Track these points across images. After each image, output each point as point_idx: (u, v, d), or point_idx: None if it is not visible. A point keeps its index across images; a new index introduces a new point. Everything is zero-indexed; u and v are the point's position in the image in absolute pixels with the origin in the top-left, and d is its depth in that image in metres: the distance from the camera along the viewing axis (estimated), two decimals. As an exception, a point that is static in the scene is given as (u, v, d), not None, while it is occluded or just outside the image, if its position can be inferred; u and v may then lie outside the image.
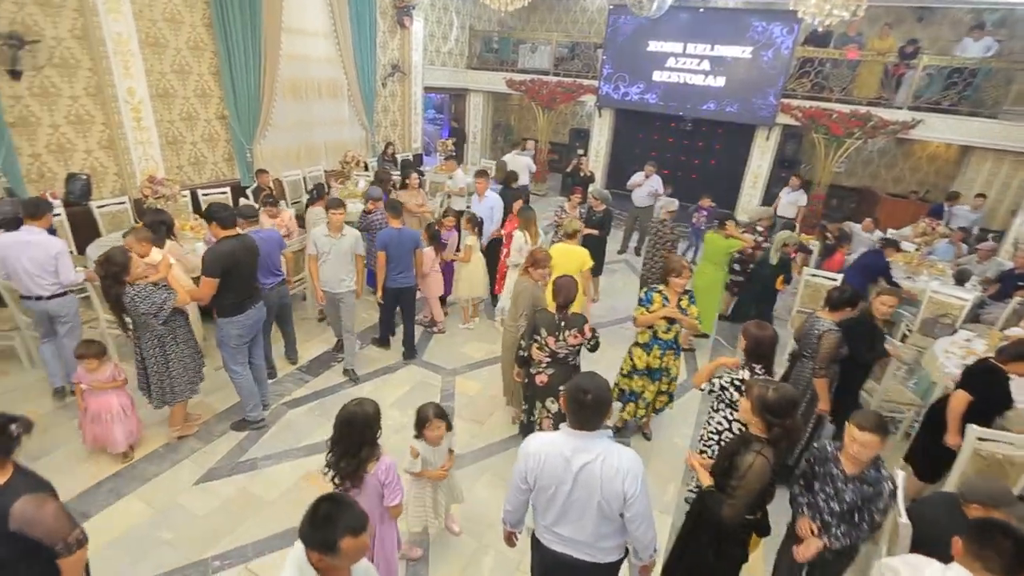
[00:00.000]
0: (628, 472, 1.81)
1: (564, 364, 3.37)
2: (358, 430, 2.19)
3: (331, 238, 4.24)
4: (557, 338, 3.27)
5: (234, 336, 3.61)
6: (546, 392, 3.40)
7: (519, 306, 3.84)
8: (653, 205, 8.31)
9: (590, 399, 1.82)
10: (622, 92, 10.55)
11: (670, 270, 3.63)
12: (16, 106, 5.19)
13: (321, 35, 8.27)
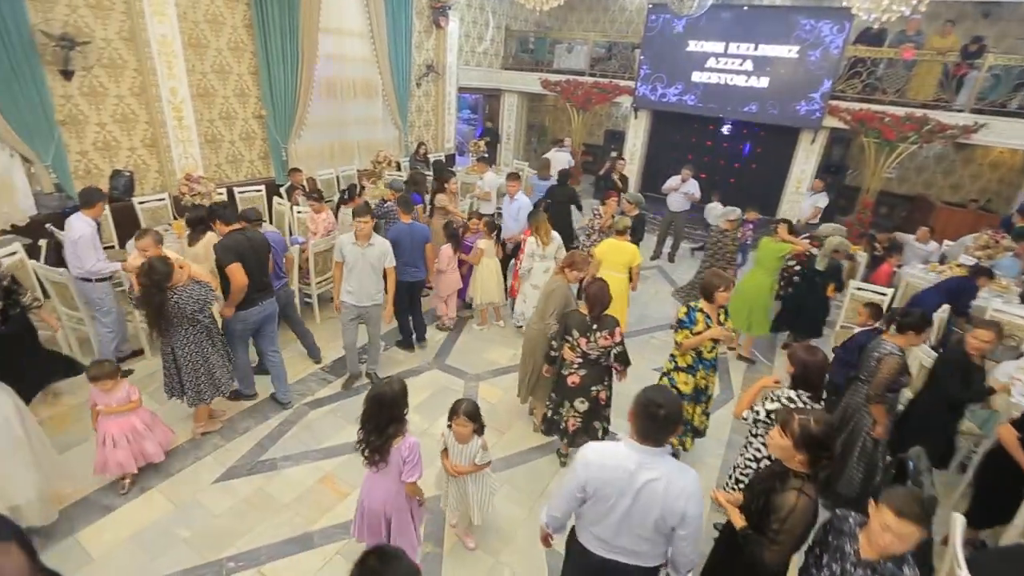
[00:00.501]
0: (693, 495, 1.81)
1: (596, 365, 3.40)
2: (386, 408, 2.31)
3: (358, 247, 3.99)
4: (588, 339, 3.31)
5: (237, 329, 3.82)
6: (576, 392, 3.45)
7: (550, 305, 3.76)
8: (688, 210, 8.04)
9: (663, 414, 1.81)
10: (659, 93, 10.27)
11: (714, 286, 3.35)
12: (67, 105, 5.40)
13: (357, 35, 8.34)
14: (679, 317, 3.45)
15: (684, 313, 3.42)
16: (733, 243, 5.79)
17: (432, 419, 4.17)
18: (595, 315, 3.31)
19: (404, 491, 2.45)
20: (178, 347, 3.39)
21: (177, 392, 3.52)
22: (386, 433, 2.32)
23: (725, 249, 5.79)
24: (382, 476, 2.41)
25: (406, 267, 4.73)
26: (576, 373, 3.44)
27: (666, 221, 8.22)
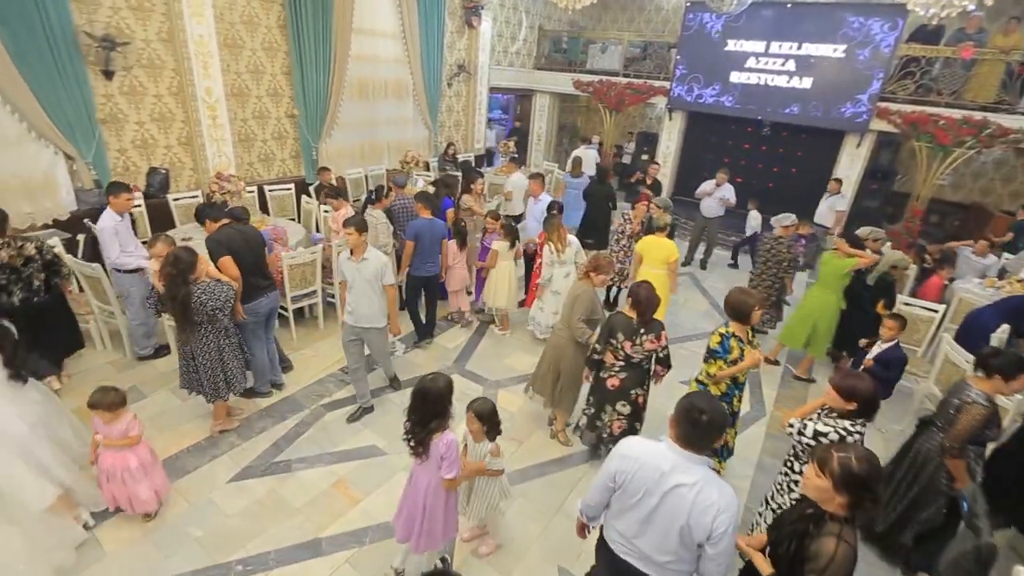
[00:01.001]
0: (724, 510, 1.73)
1: (637, 368, 3.37)
2: (429, 403, 2.38)
3: (353, 262, 3.69)
4: (634, 343, 3.26)
5: (249, 323, 3.86)
6: (617, 395, 3.41)
7: (576, 310, 3.66)
8: (722, 216, 7.74)
9: (705, 420, 1.79)
10: (695, 94, 9.95)
11: (748, 306, 3.12)
12: (107, 104, 5.56)
13: (390, 35, 8.36)
14: (711, 346, 3.19)
15: (717, 342, 3.15)
16: (788, 251, 5.47)
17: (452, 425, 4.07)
18: (645, 319, 3.26)
19: (441, 485, 2.49)
20: (196, 345, 3.40)
21: (196, 388, 3.54)
22: (428, 427, 2.39)
23: (779, 257, 5.50)
24: (423, 468, 2.50)
25: (425, 263, 4.85)
26: (616, 376, 3.39)
27: (699, 227, 7.93)
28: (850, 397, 2.31)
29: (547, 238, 4.97)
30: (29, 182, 5.19)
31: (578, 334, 3.64)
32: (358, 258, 3.67)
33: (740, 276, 7.93)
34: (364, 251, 3.67)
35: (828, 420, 2.39)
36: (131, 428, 2.94)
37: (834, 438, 2.29)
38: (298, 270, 4.85)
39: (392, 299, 3.84)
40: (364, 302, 3.75)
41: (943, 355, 4.21)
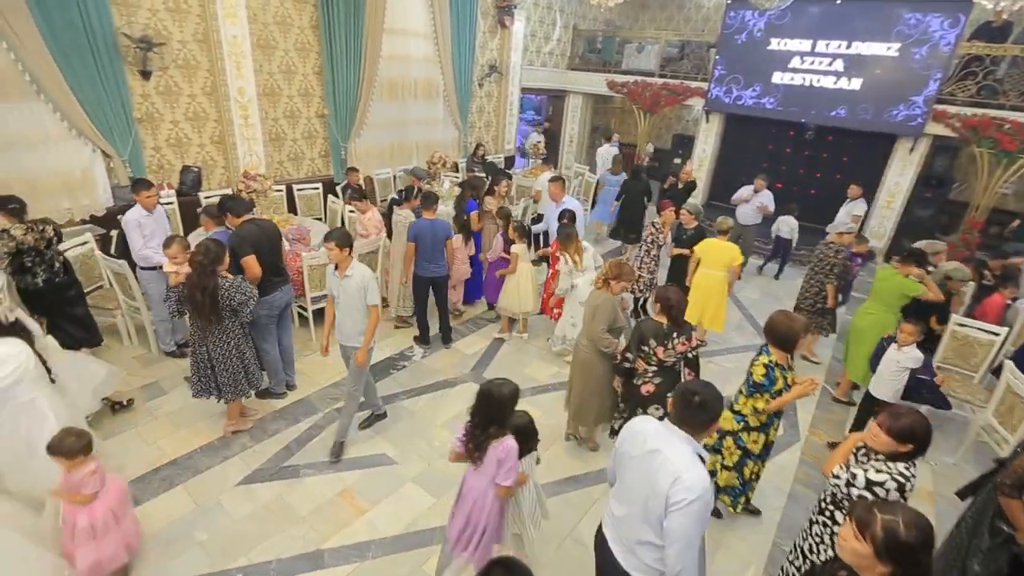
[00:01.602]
0: (683, 483, 1.74)
1: (671, 371, 3.32)
2: (492, 407, 2.36)
3: (336, 278, 3.48)
4: (666, 347, 3.20)
5: (263, 316, 3.86)
6: (652, 401, 3.33)
7: (598, 321, 3.52)
8: (759, 223, 7.37)
9: (698, 400, 1.86)
10: (735, 95, 9.55)
11: (795, 334, 2.85)
12: (144, 103, 5.70)
13: (421, 36, 8.34)
14: (755, 379, 2.91)
15: (762, 375, 2.87)
16: (835, 255, 5.17)
17: (461, 436, 3.96)
18: (677, 322, 3.22)
19: (492, 494, 2.46)
20: (214, 343, 3.40)
21: (212, 391, 3.53)
22: (487, 432, 2.38)
23: (827, 262, 5.21)
24: (479, 473, 2.46)
25: (427, 263, 4.81)
26: (651, 382, 3.30)
27: (733, 234, 7.51)
28: (908, 439, 2.02)
29: (562, 249, 4.79)
30: (68, 179, 5.36)
31: (603, 345, 3.51)
32: (342, 273, 3.43)
33: (776, 286, 7.54)
34: (348, 266, 3.43)
35: (879, 464, 2.10)
36: (85, 485, 2.48)
37: (891, 487, 1.99)
38: (318, 270, 4.83)
39: (373, 321, 3.52)
40: (349, 321, 3.53)
41: (1004, 383, 3.83)
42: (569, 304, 4.83)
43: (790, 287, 7.56)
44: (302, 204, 7.14)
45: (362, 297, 3.44)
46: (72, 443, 2.45)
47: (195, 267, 3.20)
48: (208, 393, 3.53)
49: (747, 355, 5.52)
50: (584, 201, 9.42)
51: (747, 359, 5.36)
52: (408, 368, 4.81)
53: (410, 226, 4.82)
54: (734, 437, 3.13)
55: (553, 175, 5.64)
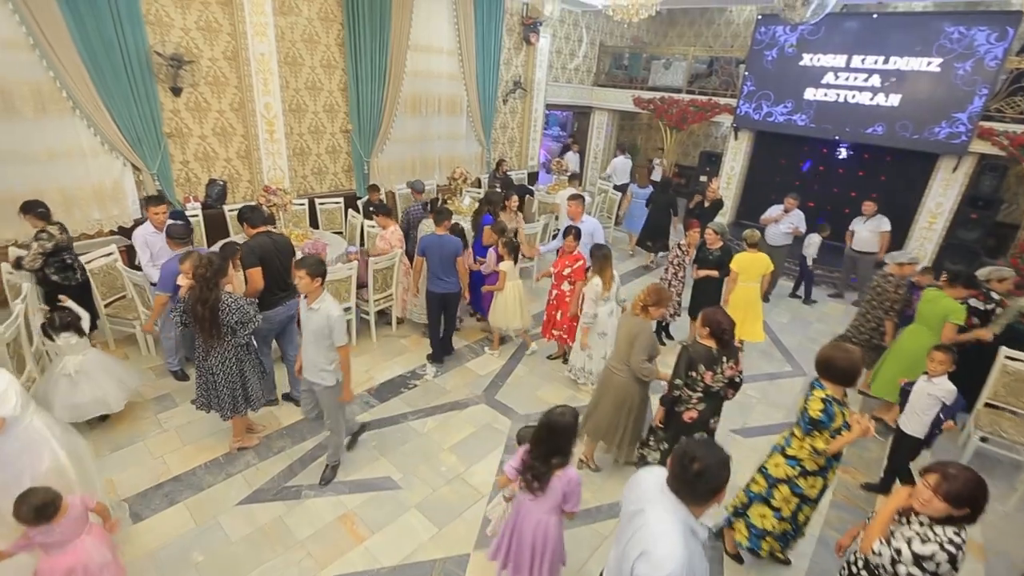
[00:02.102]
0: (649, 559, 1.54)
1: (715, 396, 3.17)
2: (555, 437, 2.31)
3: (304, 307, 3.23)
4: (715, 372, 3.06)
5: (263, 329, 3.76)
6: (694, 428, 3.20)
7: (638, 349, 3.42)
8: (789, 244, 7.06)
9: (695, 468, 1.59)
10: (765, 112, 9.29)
11: (856, 368, 2.60)
12: (174, 119, 5.85)
13: (446, 52, 8.41)
14: (812, 416, 2.62)
15: (820, 410, 2.59)
16: (896, 291, 4.75)
17: (470, 462, 3.83)
18: (728, 346, 3.08)
19: (555, 520, 2.44)
20: (216, 359, 3.37)
21: (213, 406, 3.50)
22: (549, 463, 2.32)
23: (886, 297, 4.80)
24: (536, 504, 2.41)
25: (436, 279, 4.76)
26: (694, 408, 3.17)
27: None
28: (966, 503, 1.77)
29: (597, 272, 4.36)
30: (99, 190, 5.53)
31: (645, 374, 3.43)
32: (309, 304, 3.17)
33: (806, 310, 7.20)
34: (318, 298, 3.12)
35: (923, 530, 1.84)
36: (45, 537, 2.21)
37: (942, 559, 1.76)
38: (331, 286, 4.80)
39: (344, 360, 3.24)
40: (310, 354, 3.26)
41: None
42: (589, 335, 4.52)
43: (820, 311, 7.22)
44: (323, 218, 7.20)
45: (326, 335, 3.13)
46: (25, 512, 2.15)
47: (197, 279, 3.18)
48: (208, 407, 3.50)
49: (774, 383, 5.25)
50: (608, 219, 9.27)
51: (773, 387, 5.18)
52: (419, 387, 4.71)
53: (420, 240, 4.82)
54: (789, 485, 2.83)
55: (572, 193, 5.44)
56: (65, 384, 3.56)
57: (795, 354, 5.88)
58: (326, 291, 3.21)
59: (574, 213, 5.32)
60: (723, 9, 12.26)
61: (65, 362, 3.59)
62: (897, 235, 8.53)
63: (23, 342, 3.64)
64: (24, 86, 4.82)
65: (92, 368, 3.66)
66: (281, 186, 5.85)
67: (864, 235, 7.01)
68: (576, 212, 5.31)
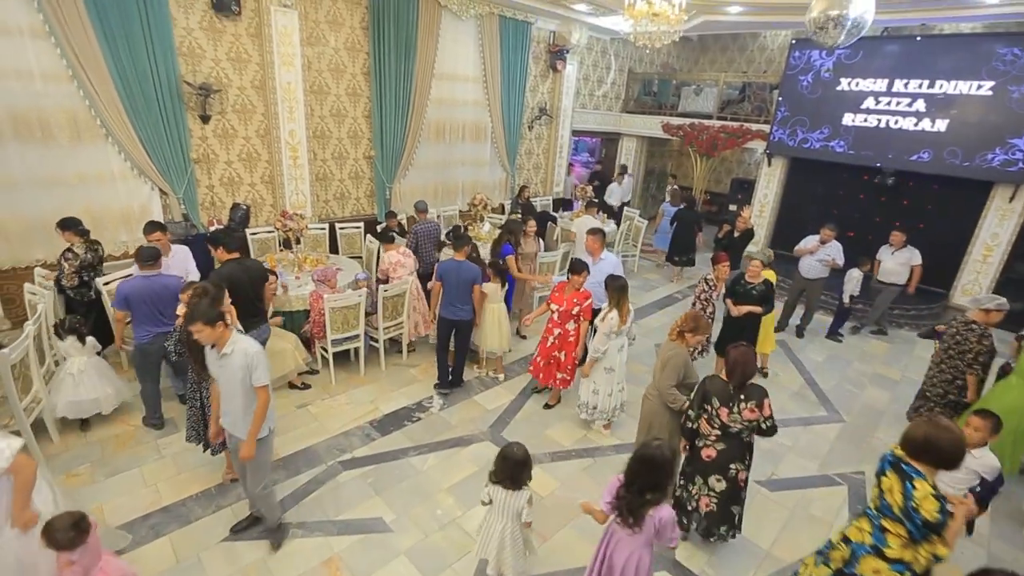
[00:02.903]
0: None
1: (737, 439, 3.01)
2: (652, 473, 2.27)
3: (215, 356, 2.83)
4: (731, 410, 2.93)
5: None
6: (712, 468, 3.07)
7: (668, 374, 3.36)
8: (825, 277, 6.62)
9: None
10: (800, 138, 8.93)
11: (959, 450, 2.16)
12: (202, 145, 6.02)
13: (471, 80, 8.47)
14: (930, 519, 2.11)
15: (936, 510, 2.11)
16: (979, 341, 4.14)
17: (468, 505, 3.60)
18: (738, 383, 2.92)
19: (648, 555, 2.41)
20: (202, 388, 3.31)
21: (201, 438, 3.43)
22: (643, 499, 2.28)
23: (967, 347, 4.19)
24: (629, 539, 2.39)
25: (450, 305, 4.67)
26: (712, 447, 3.04)
27: (796, 288, 6.86)
28: None
29: (614, 305, 4.10)
30: (127, 213, 5.70)
31: (670, 400, 3.34)
32: (220, 351, 2.78)
33: (843, 349, 6.68)
34: (228, 341, 2.77)
35: None
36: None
37: None
38: (340, 313, 4.73)
39: (261, 405, 2.82)
40: (233, 406, 2.87)
41: None
42: (594, 369, 4.28)
43: (861, 348, 6.71)
44: (343, 243, 7.23)
45: (246, 377, 2.76)
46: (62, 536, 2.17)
47: (190, 308, 3.10)
48: (198, 439, 3.43)
49: (807, 430, 4.81)
50: (633, 246, 9.01)
51: (807, 434, 4.74)
52: (423, 421, 4.54)
53: (437, 265, 4.76)
54: None
55: (592, 227, 5.10)
56: (69, 382, 3.95)
57: (831, 397, 5.42)
58: (235, 330, 2.89)
59: (592, 248, 4.89)
60: (756, 35, 12.03)
61: (69, 363, 4.00)
62: (948, 270, 7.97)
63: (31, 363, 3.69)
64: (61, 114, 5.04)
65: (92, 372, 4.03)
66: (299, 211, 5.90)
67: (891, 266, 6.57)
68: (594, 247, 4.88)
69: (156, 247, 4.07)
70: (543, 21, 9.10)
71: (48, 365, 4.12)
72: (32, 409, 3.69)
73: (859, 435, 4.81)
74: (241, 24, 5.90)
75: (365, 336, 5.12)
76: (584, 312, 4.37)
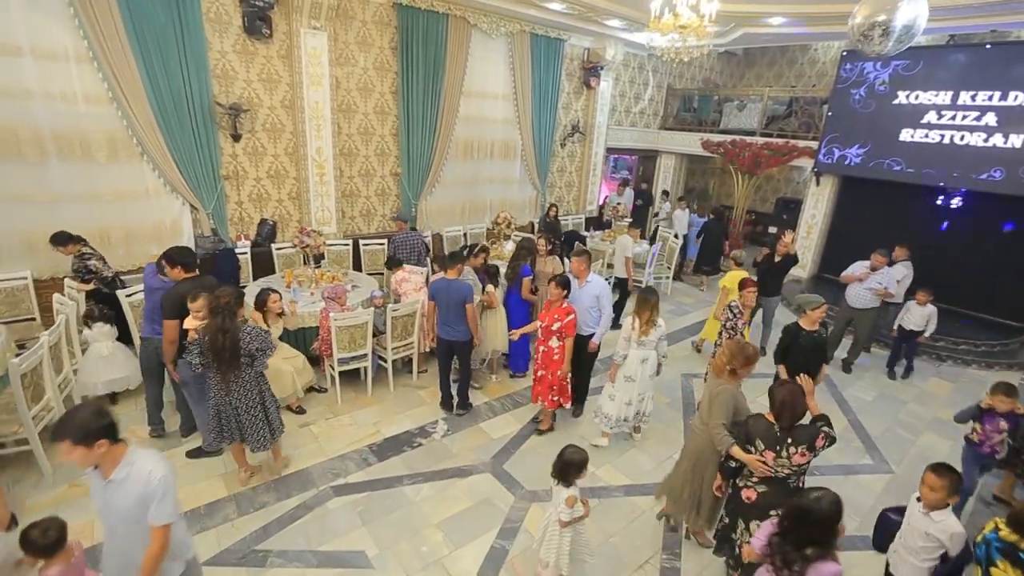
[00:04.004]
0: None
1: (782, 484, 2.78)
2: (809, 525, 2.08)
3: (100, 483, 2.04)
4: (778, 454, 2.69)
5: (188, 375, 3.65)
6: (751, 512, 2.85)
7: (716, 412, 3.08)
8: (877, 307, 6.01)
9: None
10: (852, 155, 8.30)
11: None
12: (232, 162, 6.21)
13: (500, 97, 8.42)
14: None
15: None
16: None
17: (456, 543, 3.37)
18: (786, 425, 2.69)
19: None
20: (239, 394, 3.43)
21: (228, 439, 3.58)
22: (802, 553, 2.06)
23: None
24: None
25: (444, 325, 4.57)
26: (753, 488, 2.84)
27: (842, 318, 6.27)
28: None
29: (636, 313, 4.12)
30: (159, 228, 5.91)
31: (716, 440, 3.05)
32: (107, 477, 2.01)
33: (896, 387, 6.01)
34: (117, 465, 2.00)
35: None
36: None
37: None
38: (346, 331, 4.67)
39: (153, 554, 2.05)
40: (124, 543, 2.12)
41: None
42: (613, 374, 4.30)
43: (919, 388, 6.02)
44: (367, 259, 7.26)
45: (142, 513, 2.01)
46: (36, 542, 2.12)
47: (217, 309, 3.24)
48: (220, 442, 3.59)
49: (849, 480, 4.29)
50: (667, 268, 8.60)
51: (849, 484, 4.20)
52: (423, 447, 4.36)
53: (431, 284, 4.68)
54: None
55: (579, 249, 4.86)
56: (102, 364, 4.37)
57: (880, 443, 4.84)
58: (133, 447, 2.07)
59: (577, 271, 4.55)
60: (807, 47, 11.45)
61: (99, 347, 4.38)
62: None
63: (44, 371, 3.79)
64: (100, 134, 5.30)
65: (118, 354, 4.48)
66: (319, 228, 5.94)
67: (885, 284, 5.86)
68: (579, 270, 4.54)
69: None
70: (576, 38, 8.98)
71: (66, 373, 4.24)
72: (42, 417, 3.79)
73: (910, 489, 4.19)
74: (273, 46, 6.08)
75: (374, 355, 5.05)
76: (566, 328, 4.15)
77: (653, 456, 4.44)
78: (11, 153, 4.91)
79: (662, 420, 4.95)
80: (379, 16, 6.80)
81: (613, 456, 4.39)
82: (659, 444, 4.60)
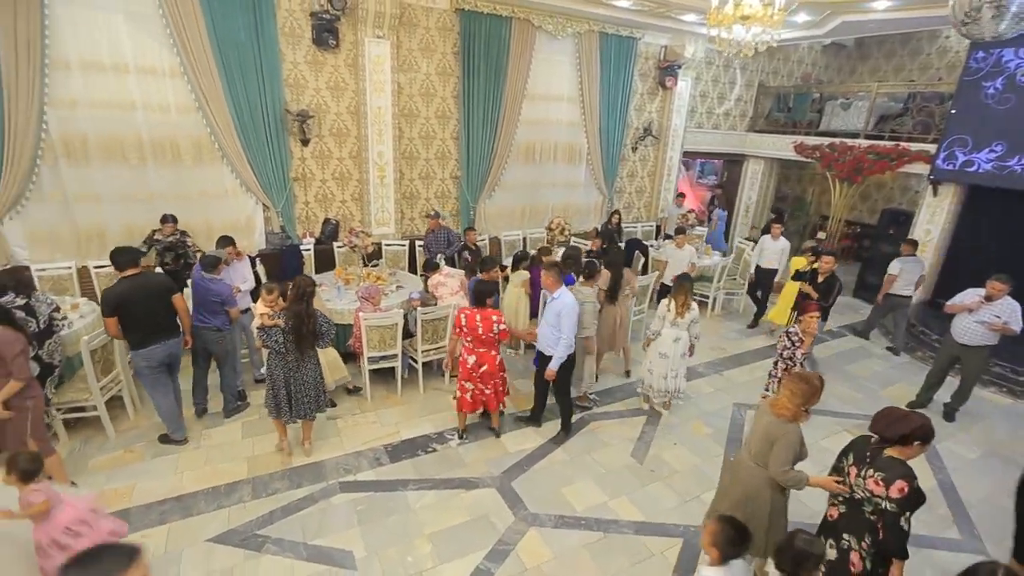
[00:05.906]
0: None
1: (858, 509, 2.60)
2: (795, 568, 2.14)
3: None
4: (859, 472, 2.59)
5: (143, 367, 3.94)
6: (828, 530, 2.79)
7: (778, 455, 2.79)
8: (992, 345, 4.98)
9: None
10: (982, 160, 6.98)
11: None
12: (301, 165, 6.67)
13: (565, 100, 8.22)
14: None
15: None
16: None
17: (443, 558, 3.30)
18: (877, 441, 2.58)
19: None
20: (307, 368, 3.90)
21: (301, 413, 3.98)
22: None
23: None
24: None
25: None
26: (837, 506, 2.77)
27: (945, 355, 5.27)
28: None
29: (672, 296, 4.74)
30: (235, 224, 6.49)
31: (790, 483, 2.85)
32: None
33: (1012, 448, 4.92)
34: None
35: None
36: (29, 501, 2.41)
37: None
38: (376, 331, 4.78)
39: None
40: None
41: None
42: (650, 349, 4.90)
43: (1046, 449, 4.88)
44: (420, 260, 7.43)
45: None
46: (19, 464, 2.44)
47: (302, 298, 3.70)
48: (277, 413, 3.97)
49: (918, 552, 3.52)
50: (740, 284, 7.85)
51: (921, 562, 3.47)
52: (437, 453, 4.33)
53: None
54: None
55: (551, 262, 4.59)
56: None
57: (974, 513, 3.97)
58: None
59: (547, 284, 4.26)
60: (935, 34, 9.87)
61: None
62: None
63: (114, 348, 4.30)
64: (188, 140, 5.95)
65: None
66: (365, 229, 6.18)
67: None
68: (548, 283, 4.23)
69: (217, 256, 4.52)
70: (652, 36, 8.50)
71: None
72: (110, 388, 4.31)
73: None
74: (340, 55, 6.43)
75: (405, 356, 5.13)
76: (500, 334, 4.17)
77: (679, 492, 4.03)
78: (118, 158, 5.67)
79: (698, 452, 4.49)
80: (442, 22, 6.93)
81: (633, 486, 4.05)
82: (689, 479, 4.17)
